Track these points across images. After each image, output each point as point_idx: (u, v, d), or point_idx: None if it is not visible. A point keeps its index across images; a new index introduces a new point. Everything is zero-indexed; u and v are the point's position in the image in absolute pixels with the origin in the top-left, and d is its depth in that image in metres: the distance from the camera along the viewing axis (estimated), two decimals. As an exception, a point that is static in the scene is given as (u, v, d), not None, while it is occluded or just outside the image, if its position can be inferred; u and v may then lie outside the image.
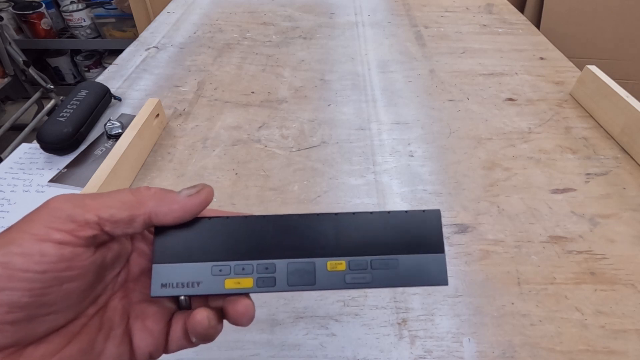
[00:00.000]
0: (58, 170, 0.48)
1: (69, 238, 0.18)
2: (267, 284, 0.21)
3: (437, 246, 0.22)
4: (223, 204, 0.44)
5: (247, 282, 0.21)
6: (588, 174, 0.48)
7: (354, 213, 0.22)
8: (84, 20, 1.82)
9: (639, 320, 0.34)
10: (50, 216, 0.18)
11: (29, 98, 1.69)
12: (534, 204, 0.44)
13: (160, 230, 0.22)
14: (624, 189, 0.46)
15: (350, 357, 0.32)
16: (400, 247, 0.22)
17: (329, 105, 0.60)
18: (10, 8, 1.76)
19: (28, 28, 1.81)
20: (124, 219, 0.20)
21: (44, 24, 1.82)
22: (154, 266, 0.21)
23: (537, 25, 1.26)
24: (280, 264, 0.21)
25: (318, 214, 0.22)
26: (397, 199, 0.45)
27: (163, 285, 0.21)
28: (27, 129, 1.60)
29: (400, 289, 0.36)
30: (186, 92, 0.63)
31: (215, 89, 0.64)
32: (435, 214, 0.22)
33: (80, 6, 1.81)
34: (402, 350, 0.32)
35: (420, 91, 0.63)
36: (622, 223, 0.42)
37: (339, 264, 0.22)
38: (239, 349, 0.32)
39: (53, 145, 0.49)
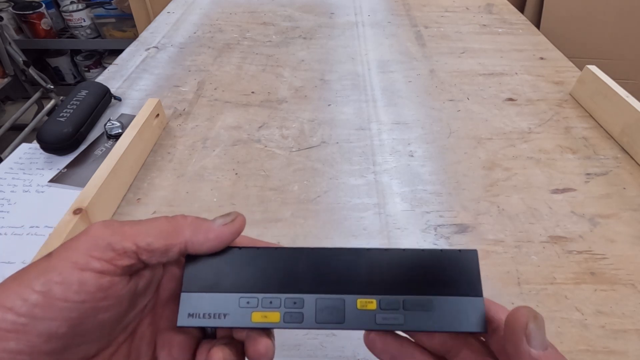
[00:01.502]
0: (58, 170, 0.48)
1: (108, 267, 0.18)
2: (294, 320, 0.20)
3: (474, 289, 0.21)
4: (223, 204, 0.44)
5: (274, 317, 0.20)
6: (588, 174, 0.48)
7: (386, 249, 0.22)
8: (84, 20, 1.82)
9: (639, 320, 0.34)
10: (90, 244, 0.18)
11: (29, 98, 1.69)
12: (534, 204, 0.44)
13: (191, 258, 0.21)
14: (624, 189, 0.46)
15: (350, 357, 0.32)
16: (434, 288, 0.21)
17: (329, 105, 0.60)
18: (10, 8, 1.76)
19: (28, 28, 1.81)
20: (161, 248, 0.19)
21: (44, 24, 1.82)
22: (183, 294, 0.21)
23: (537, 25, 1.26)
24: (309, 299, 0.21)
25: (349, 249, 0.22)
26: (397, 199, 0.45)
27: (190, 315, 0.21)
28: (27, 129, 1.60)
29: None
30: (186, 92, 0.63)
31: (215, 89, 0.64)
32: (472, 255, 0.21)
33: (80, 6, 1.81)
34: (402, 350, 0.32)
35: (420, 91, 0.63)
36: (622, 223, 0.42)
37: (369, 302, 0.20)
38: (239, 349, 0.32)
39: (53, 145, 0.49)
